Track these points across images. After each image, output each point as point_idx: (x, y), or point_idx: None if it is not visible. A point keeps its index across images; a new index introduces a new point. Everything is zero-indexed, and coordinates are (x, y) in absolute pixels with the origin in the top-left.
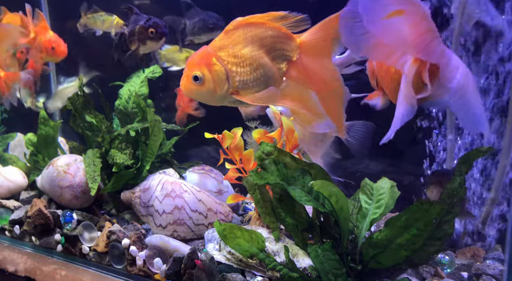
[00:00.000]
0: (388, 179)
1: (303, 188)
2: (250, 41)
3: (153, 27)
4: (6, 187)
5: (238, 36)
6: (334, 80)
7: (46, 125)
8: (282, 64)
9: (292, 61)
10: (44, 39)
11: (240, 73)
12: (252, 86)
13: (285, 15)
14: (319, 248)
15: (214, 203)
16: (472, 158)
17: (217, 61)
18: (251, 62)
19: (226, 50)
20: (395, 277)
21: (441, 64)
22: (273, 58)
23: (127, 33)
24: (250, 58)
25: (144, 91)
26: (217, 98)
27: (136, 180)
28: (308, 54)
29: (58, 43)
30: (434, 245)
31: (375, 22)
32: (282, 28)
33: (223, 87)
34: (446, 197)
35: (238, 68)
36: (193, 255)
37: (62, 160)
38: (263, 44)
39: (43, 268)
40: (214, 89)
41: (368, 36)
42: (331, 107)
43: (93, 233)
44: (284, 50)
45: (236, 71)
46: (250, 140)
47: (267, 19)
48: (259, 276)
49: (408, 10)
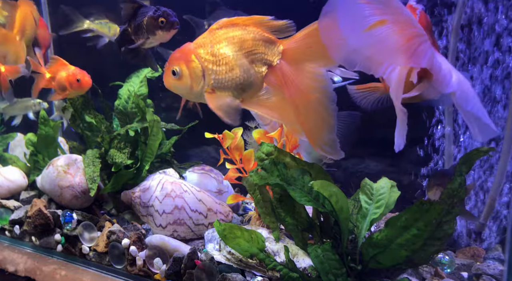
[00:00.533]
0: (388, 179)
1: (303, 188)
2: (230, 41)
3: (163, 17)
4: (6, 187)
5: (219, 36)
6: (314, 91)
7: (46, 125)
8: (263, 68)
9: (272, 66)
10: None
11: (215, 71)
12: (227, 86)
13: (269, 20)
14: (319, 248)
15: (214, 203)
16: (472, 158)
17: (195, 58)
18: (227, 62)
19: (206, 48)
20: (395, 277)
21: (433, 69)
22: (252, 61)
23: (133, 27)
24: (226, 57)
25: (143, 91)
26: (194, 94)
27: (136, 180)
28: (289, 60)
29: (82, 74)
30: (434, 245)
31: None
32: (264, 32)
33: (199, 84)
34: (446, 197)
35: (214, 66)
36: (193, 255)
37: (62, 160)
38: (243, 46)
39: (43, 268)
40: (191, 85)
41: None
42: (307, 121)
43: (93, 233)
44: (265, 54)
45: (212, 69)
46: (250, 140)
47: (252, 22)
48: (259, 276)
49: (390, 19)
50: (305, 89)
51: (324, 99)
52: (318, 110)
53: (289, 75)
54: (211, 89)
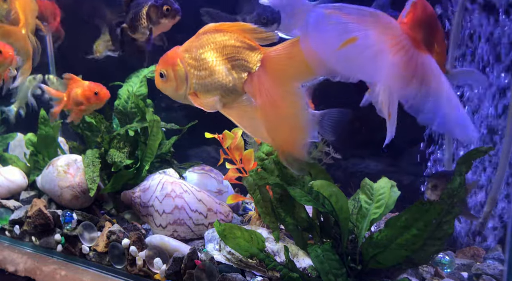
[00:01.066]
0: (388, 179)
1: (303, 188)
2: (213, 47)
3: (167, 4)
4: (6, 187)
5: (203, 41)
6: (287, 105)
7: (46, 125)
8: (243, 74)
9: (251, 73)
10: (82, 90)
11: (197, 76)
12: (208, 90)
13: (253, 28)
14: (319, 248)
15: (214, 203)
16: (472, 158)
17: (180, 62)
18: (207, 67)
19: (190, 53)
20: (395, 277)
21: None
22: (233, 66)
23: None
24: (207, 62)
25: (143, 91)
26: (180, 96)
27: (136, 180)
28: (266, 68)
29: (100, 87)
30: (434, 245)
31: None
32: (247, 39)
33: (183, 87)
34: (446, 197)
35: (196, 71)
36: (193, 255)
37: (62, 160)
38: (224, 52)
39: (43, 268)
40: (176, 87)
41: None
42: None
43: (93, 233)
44: (245, 60)
45: (194, 74)
46: (250, 140)
47: (236, 29)
48: (259, 276)
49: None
50: (278, 101)
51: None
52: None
53: (263, 83)
54: (193, 93)
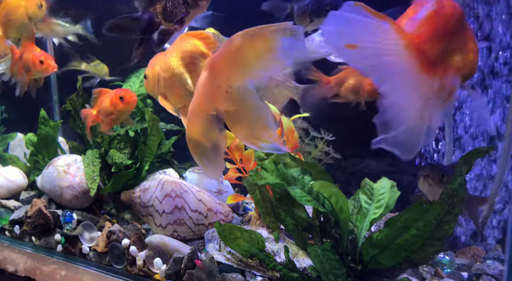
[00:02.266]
0: (388, 179)
1: (303, 188)
2: (178, 53)
3: None
4: (6, 187)
5: (173, 47)
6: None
7: (46, 125)
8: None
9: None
10: (109, 98)
11: (163, 78)
12: (170, 92)
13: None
14: (319, 248)
15: (214, 203)
16: (472, 158)
17: (156, 65)
18: (169, 70)
19: (164, 58)
20: (395, 277)
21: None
22: (190, 71)
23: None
24: (169, 67)
25: (143, 91)
26: (156, 96)
27: (136, 180)
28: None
29: (125, 92)
30: (434, 245)
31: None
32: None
33: (156, 88)
34: (446, 198)
35: (163, 73)
36: (193, 255)
37: (62, 160)
38: (183, 57)
39: (43, 268)
40: (153, 88)
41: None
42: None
43: (93, 233)
44: (199, 66)
45: (162, 77)
46: None
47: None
48: (259, 276)
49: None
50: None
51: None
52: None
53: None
54: (163, 93)
